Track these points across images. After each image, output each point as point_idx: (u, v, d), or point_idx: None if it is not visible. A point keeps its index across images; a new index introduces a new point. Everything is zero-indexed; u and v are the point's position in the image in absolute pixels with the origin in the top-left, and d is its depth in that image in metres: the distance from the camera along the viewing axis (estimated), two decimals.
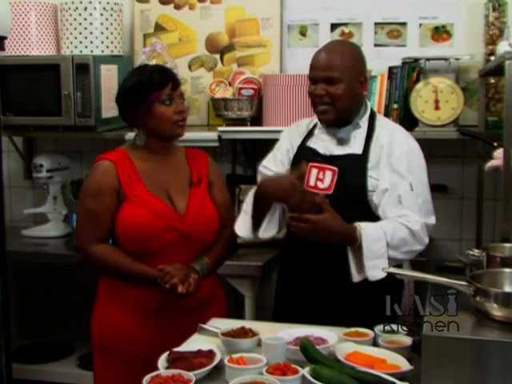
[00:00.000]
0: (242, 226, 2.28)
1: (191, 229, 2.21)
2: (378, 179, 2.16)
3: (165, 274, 2.12)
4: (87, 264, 2.28)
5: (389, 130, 2.24)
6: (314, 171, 2.23)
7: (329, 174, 2.20)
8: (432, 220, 2.22)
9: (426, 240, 2.16)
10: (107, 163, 2.22)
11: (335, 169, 2.20)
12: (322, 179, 2.21)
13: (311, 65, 2.22)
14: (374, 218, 2.17)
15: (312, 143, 2.30)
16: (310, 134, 2.35)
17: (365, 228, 2.06)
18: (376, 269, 2.03)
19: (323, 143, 2.28)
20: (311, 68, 2.22)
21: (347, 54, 2.19)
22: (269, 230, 2.27)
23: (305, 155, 2.28)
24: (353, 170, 2.19)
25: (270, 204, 2.22)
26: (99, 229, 2.20)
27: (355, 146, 2.22)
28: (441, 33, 3.34)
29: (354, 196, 2.17)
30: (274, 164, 2.37)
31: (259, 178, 2.39)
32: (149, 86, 2.19)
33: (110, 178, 2.20)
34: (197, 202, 2.26)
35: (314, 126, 2.35)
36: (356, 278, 2.09)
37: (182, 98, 2.26)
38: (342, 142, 2.24)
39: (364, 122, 2.25)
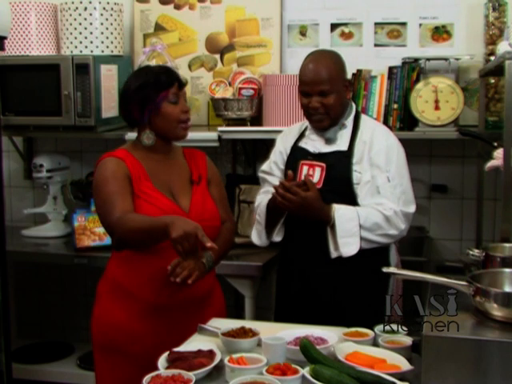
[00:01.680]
0: (258, 236, 2.54)
1: None
2: (361, 173, 2.35)
3: (177, 264, 2.08)
4: (119, 240, 2.15)
5: (371, 128, 2.42)
6: (305, 168, 2.42)
7: (318, 170, 2.39)
8: (411, 208, 2.38)
9: (403, 226, 2.34)
10: (115, 159, 2.22)
11: (323, 165, 2.38)
12: (312, 175, 2.40)
13: (301, 80, 2.39)
14: None
15: (303, 143, 2.49)
16: (301, 135, 2.52)
17: (339, 208, 2.30)
18: (348, 245, 2.29)
19: (313, 143, 2.45)
20: (302, 83, 2.39)
21: (332, 65, 2.37)
22: (281, 233, 2.49)
23: (297, 154, 2.47)
24: (339, 165, 2.37)
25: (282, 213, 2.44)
26: (122, 203, 2.12)
27: (341, 144, 2.40)
28: (441, 33, 3.35)
29: (341, 189, 2.36)
30: (269, 167, 2.58)
31: (260, 182, 2.64)
32: (157, 85, 2.22)
33: (123, 169, 2.19)
34: (199, 199, 2.29)
35: (306, 129, 2.51)
36: (333, 254, 2.31)
37: (185, 98, 2.31)
38: (329, 141, 2.42)
39: (349, 122, 2.43)
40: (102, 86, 3.24)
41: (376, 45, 3.41)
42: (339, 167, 2.36)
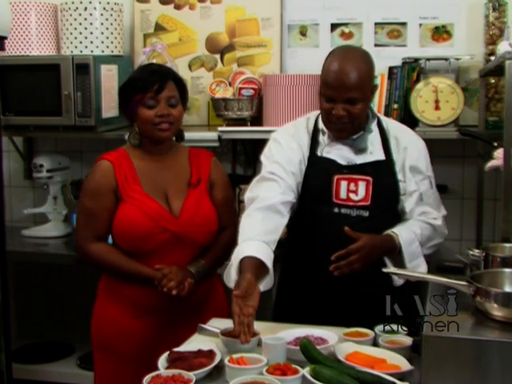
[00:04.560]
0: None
1: (185, 230, 2.21)
2: (405, 181, 2.20)
3: (163, 276, 2.13)
4: (85, 261, 2.30)
5: (402, 131, 2.28)
6: (344, 183, 2.15)
7: (362, 185, 2.15)
8: (445, 211, 2.34)
9: (446, 231, 2.31)
10: (106, 163, 2.24)
11: (369, 178, 2.15)
12: (354, 191, 2.14)
13: (326, 82, 2.09)
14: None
15: (325, 153, 2.19)
16: (315, 141, 2.22)
17: (400, 233, 2.13)
18: (418, 268, 2.14)
19: (339, 152, 2.18)
20: (328, 86, 2.08)
21: (363, 68, 2.09)
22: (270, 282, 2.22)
23: (324, 166, 2.18)
24: (383, 177, 2.17)
25: None
26: (96, 227, 2.22)
27: (376, 152, 2.18)
28: (441, 33, 3.34)
29: (389, 203, 2.20)
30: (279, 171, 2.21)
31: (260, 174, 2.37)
32: (134, 87, 2.23)
33: (108, 178, 2.22)
34: (193, 202, 2.26)
35: (315, 131, 2.23)
36: (398, 281, 2.11)
37: (170, 100, 2.23)
38: (361, 151, 2.18)
39: (375, 126, 2.22)
40: (102, 86, 3.24)
41: (376, 45, 3.41)
42: (384, 179, 2.16)
